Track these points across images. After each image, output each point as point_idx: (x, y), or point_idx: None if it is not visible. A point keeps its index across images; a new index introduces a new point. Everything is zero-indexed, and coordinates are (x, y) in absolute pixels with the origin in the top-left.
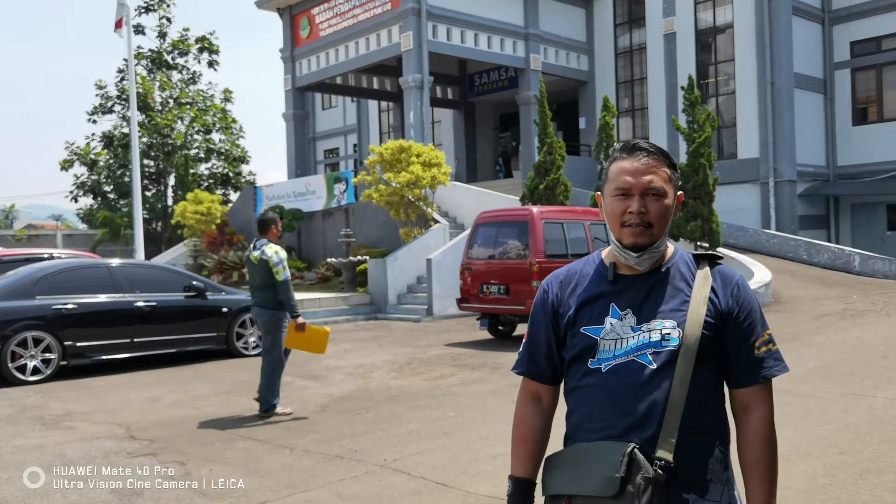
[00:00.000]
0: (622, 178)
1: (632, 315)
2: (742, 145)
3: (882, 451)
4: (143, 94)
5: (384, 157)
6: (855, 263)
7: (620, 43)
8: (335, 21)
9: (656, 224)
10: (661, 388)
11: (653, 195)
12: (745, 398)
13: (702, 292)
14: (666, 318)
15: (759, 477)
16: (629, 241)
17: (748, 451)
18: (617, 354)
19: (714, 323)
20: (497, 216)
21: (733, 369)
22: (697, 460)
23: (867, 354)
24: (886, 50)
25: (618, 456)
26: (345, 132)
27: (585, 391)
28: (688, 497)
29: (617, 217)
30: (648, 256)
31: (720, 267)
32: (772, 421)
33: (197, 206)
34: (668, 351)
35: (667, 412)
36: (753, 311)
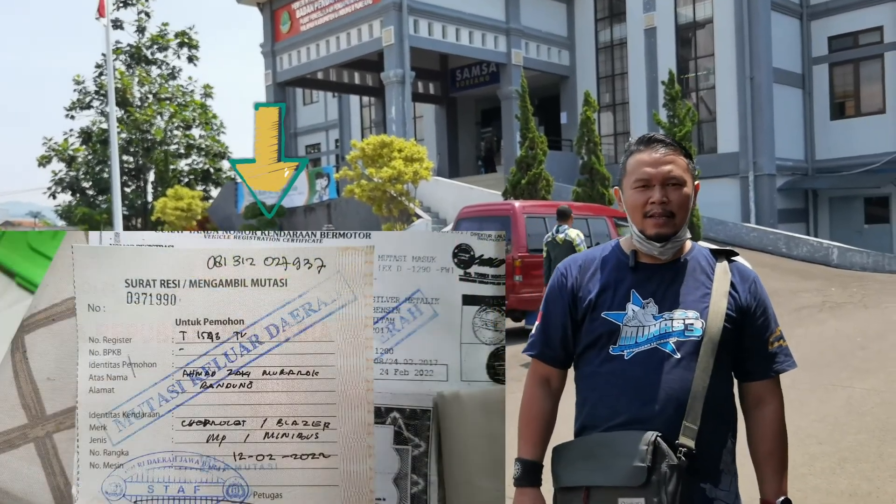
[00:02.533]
0: (642, 169)
1: (653, 303)
2: (722, 140)
3: (859, 441)
4: (121, 90)
5: (366, 153)
6: (833, 256)
7: (601, 38)
8: (316, 16)
9: (678, 213)
10: (685, 377)
11: (673, 185)
12: (759, 391)
13: (722, 286)
14: (688, 309)
15: (773, 468)
16: (652, 231)
17: (762, 443)
18: (639, 342)
19: (734, 317)
20: (479, 211)
21: (748, 363)
22: (714, 450)
23: (845, 346)
24: (864, 45)
25: (642, 445)
26: (326, 127)
27: (605, 378)
28: (704, 486)
29: (639, 208)
30: (672, 246)
31: (736, 263)
32: (783, 414)
33: (177, 203)
34: (691, 341)
35: (690, 400)
36: (768, 308)
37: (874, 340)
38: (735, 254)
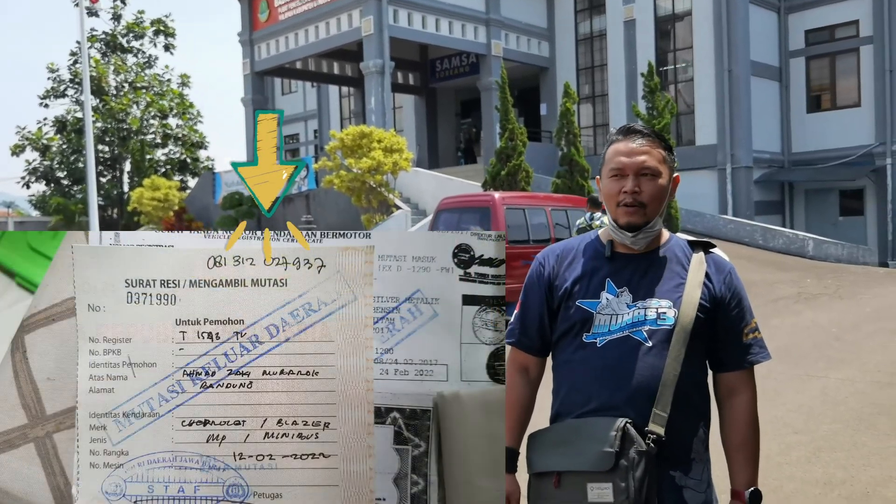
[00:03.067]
0: (617, 158)
1: (628, 292)
2: (700, 132)
3: (834, 431)
4: (96, 78)
5: (345, 143)
6: (809, 248)
7: (581, 30)
8: (294, 4)
9: (650, 204)
10: (656, 365)
11: (646, 175)
12: (732, 382)
13: (697, 276)
14: (662, 298)
15: (745, 457)
16: (624, 220)
17: (734, 433)
18: (612, 330)
19: (708, 307)
20: (459, 202)
21: (721, 354)
22: (684, 438)
23: (820, 337)
24: (839, 38)
25: (611, 431)
26: (305, 118)
27: (578, 365)
28: (674, 474)
29: (613, 197)
30: (644, 236)
31: (713, 255)
32: (756, 404)
33: (154, 193)
34: (663, 329)
35: (661, 388)
36: (743, 299)
37: (849, 331)
38: (712, 245)
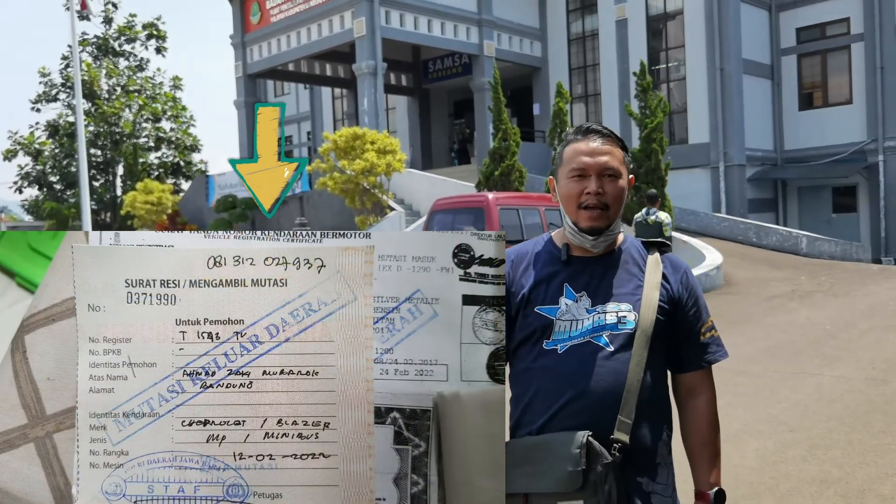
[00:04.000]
0: (579, 158)
1: (587, 297)
2: (693, 130)
3: (830, 428)
4: (88, 82)
5: (338, 145)
6: (802, 245)
7: (573, 29)
8: (286, 6)
9: (612, 205)
10: (619, 370)
11: (609, 176)
12: (691, 382)
13: (654, 277)
14: (621, 301)
15: (707, 458)
16: (586, 224)
17: (696, 434)
18: (573, 336)
19: (667, 308)
20: (453, 203)
21: (680, 354)
22: (649, 444)
23: (815, 334)
24: (831, 36)
25: (574, 448)
26: (298, 119)
27: (538, 373)
28: (641, 480)
29: (574, 198)
30: (604, 239)
31: (668, 255)
32: (715, 404)
33: (147, 196)
34: (624, 334)
35: (625, 394)
36: (700, 299)
37: (843, 329)
38: (667, 245)
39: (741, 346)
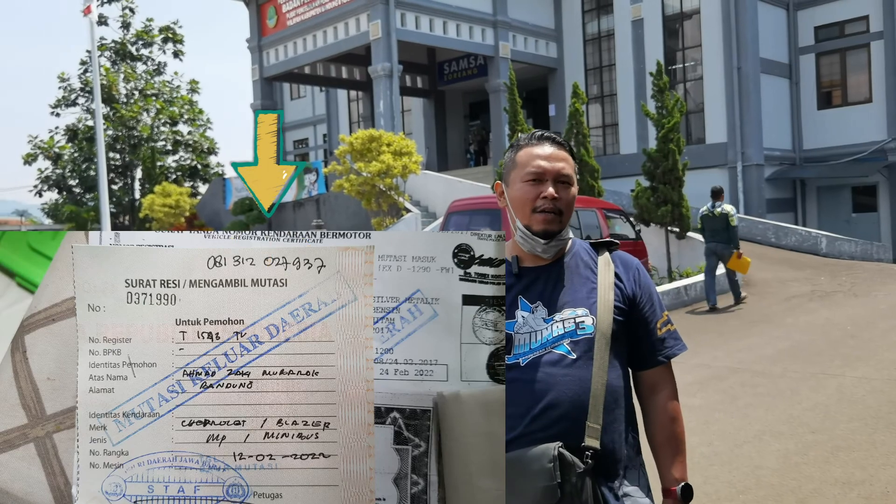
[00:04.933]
0: (536, 162)
1: (542, 307)
2: (710, 130)
3: (852, 430)
4: (107, 86)
5: (354, 147)
6: (822, 246)
7: (589, 30)
8: (302, 10)
9: (566, 211)
10: (583, 377)
11: (563, 183)
12: (651, 379)
13: (607, 278)
14: (577, 307)
15: (672, 453)
16: (540, 227)
17: (659, 430)
18: (534, 347)
19: (622, 307)
20: (469, 204)
21: (639, 352)
22: (619, 447)
23: (835, 334)
24: (850, 34)
25: (546, 462)
26: (314, 122)
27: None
28: (613, 485)
29: (528, 203)
30: (555, 244)
31: (618, 252)
32: (677, 398)
33: (165, 199)
34: (584, 339)
35: (591, 400)
36: (653, 294)
37: (864, 329)
38: (616, 244)
39: (761, 346)
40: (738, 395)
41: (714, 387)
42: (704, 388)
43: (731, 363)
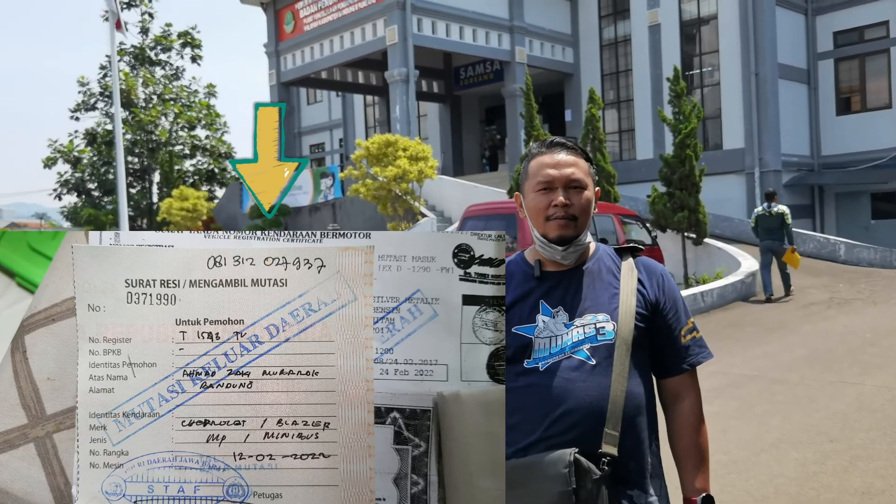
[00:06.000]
0: (544, 171)
1: (563, 311)
2: (727, 136)
3: (871, 439)
4: (126, 91)
5: (370, 152)
6: (840, 252)
7: (605, 35)
8: (319, 15)
9: (580, 216)
10: (602, 383)
11: (575, 188)
12: (675, 387)
13: (630, 284)
14: (598, 312)
15: (694, 463)
16: (555, 234)
17: (681, 438)
18: (553, 352)
19: (645, 314)
20: (485, 209)
21: (662, 359)
22: (638, 455)
23: (854, 342)
24: (869, 40)
25: (562, 468)
26: (330, 127)
27: (521, 391)
28: (632, 493)
29: (541, 211)
30: (574, 250)
31: (642, 258)
32: (701, 407)
33: (182, 203)
34: (604, 345)
35: (610, 406)
36: (678, 301)
37: (884, 337)
38: (640, 249)
39: (778, 353)
40: (755, 403)
41: (731, 394)
42: (721, 396)
43: (748, 370)
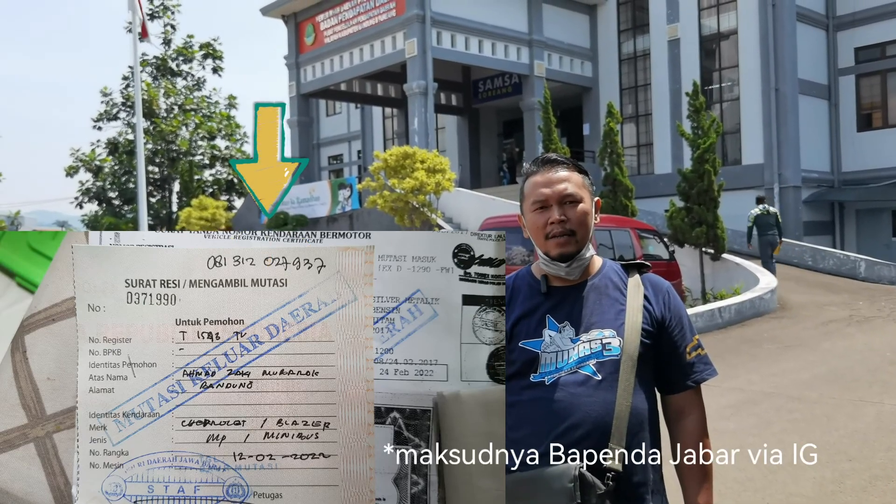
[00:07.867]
0: (538, 191)
1: (570, 326)
2: (746, 151)
3: (891, 458)
4: (147, 101)
5: (388, 164)
6: (860, 269)
7: (624, 49)
8: (340, 28)
9: (578, 230)
10: (608, 399)
11: (570, 202)
12: (679, 403)
13: (636, 300)
14: (605, 328)
15: (698, 479)
16: (556, 251)
17: (685, 455)
18: (559, 367)
19: (650, 330)
20: (502, 222)
21: (667, 376)
22: (642, 471)
23: (874, 360)
24: (891, 56)
25: (567, 482)
26: (349, 138)
27: (526, 405)
28: None
29: (540, 230)
30: (577, 265)
31: (649, 275)
32: (705, 423)
33: (202, 213)
34: (610, 360)
35: (615, 422)
36: (683, 318)
37: None
38: (647, 266)
39: (796, 371)
40: (772, 421)
41: (748, 411)
42: (738, 413)
43: (765, 387)
